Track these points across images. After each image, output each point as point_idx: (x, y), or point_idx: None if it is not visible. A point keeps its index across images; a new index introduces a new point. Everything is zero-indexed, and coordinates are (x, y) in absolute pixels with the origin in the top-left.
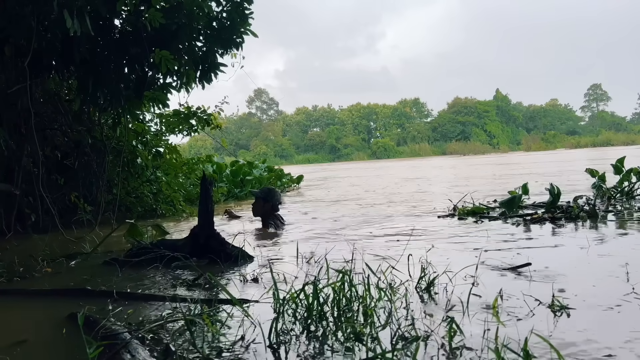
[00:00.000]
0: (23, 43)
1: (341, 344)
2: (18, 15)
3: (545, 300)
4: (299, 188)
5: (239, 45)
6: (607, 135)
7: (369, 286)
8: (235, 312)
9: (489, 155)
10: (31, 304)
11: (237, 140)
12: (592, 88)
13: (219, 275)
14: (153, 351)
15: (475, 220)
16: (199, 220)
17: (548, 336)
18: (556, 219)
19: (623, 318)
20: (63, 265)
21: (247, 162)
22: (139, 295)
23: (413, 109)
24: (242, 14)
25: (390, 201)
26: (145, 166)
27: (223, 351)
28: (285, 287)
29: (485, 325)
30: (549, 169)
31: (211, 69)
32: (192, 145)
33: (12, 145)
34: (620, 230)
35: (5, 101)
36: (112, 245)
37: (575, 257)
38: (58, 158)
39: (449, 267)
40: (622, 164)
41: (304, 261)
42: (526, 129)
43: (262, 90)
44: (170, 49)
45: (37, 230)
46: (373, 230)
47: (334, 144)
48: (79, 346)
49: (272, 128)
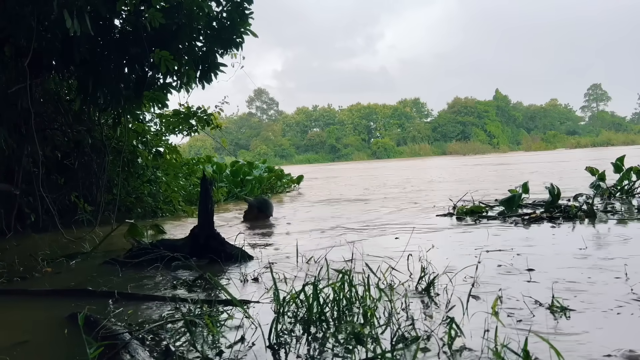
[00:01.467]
0: (23, 43)
1: (341, 345)
2: (18, 15)
3: (545, 301)
4: (299, 188)
5: (239, 45)
6: (607, 135)
7: (369, 286)
8: (236, 312)
9: (489, 155)
10: (31, 304)
11: (237, 140)
12: (592, 88)
13: (219, 275)
14: (153, 352)
15: (475, 219)
16: (199, 220)
17: (548, 336)
18: (554, 218)
19: (623, 319)
20: (63, 265)
21: (247, 162)
22: (139, 295)
23: (413, 109)
24: (242, 14)
25: (391, 201)
26: (146, 166)
27: (223, 352)
28: (285, 287)
29: (485, 325)
30: (549, 169)
31: (211, 69)
32: (192, 145)
33: (12, 145)
34: (618, 230)
35: (5, 101)
36: (112, 245)
37: (573, 258)
38: (58, 158)
39: (449, 267)
40: (622, 162)
41: (304, 261)
42: (526, 129)
43: (262, 90)
44: (170, 49)
45: (37, 230)
46: (373, 230)
47: (334, 144)
48: (79, 346)
49: (272, 128)
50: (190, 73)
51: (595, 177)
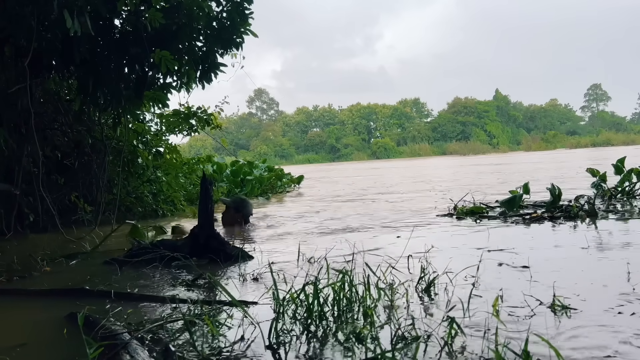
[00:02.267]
0: (23, 43)
1: (341, 345)
2: (18, 16)
3: (546, 300)
4: (300, 188)
5: (239, 45)
6: (607, 135)
7: (369, 286)
8: (235, 312)
9: (489, 155)
10: (31, 304)
11: (237, 140)
12: (592, 88)
13: (219, 275)
14: (152, 351)
15: (475, 219)
16: (199, 220)
17: (548, 336)
18: (555, 218)
19: (623, 318)
20: (63, 265)
21: (247, 162)
22: (138, 295)
23: (413, 109)
24: (242, 13)
25: (391, 201)
26: (146, 166)
27: (223, 351)
28: (285, 287)
29: (486, 325)
30: (550, 169)
31: (211, 69)
32: (192, 145)
33: (12, 145)
34: (620, 230)
35: (5, 101)
36: (112, 245)
37: (574, 257)
38: (58, 158)
39: (449, 267)
40: (622, 164)
41: (304, 261)
42: (526, 129)
43: (262, 90)
44: (170, 49)
45: (37, 230)
46: (373, 230)
47: (334, 144)
48: (79, 346)
49: (272, 128)
50: (191, 73)
51: (597, 178)
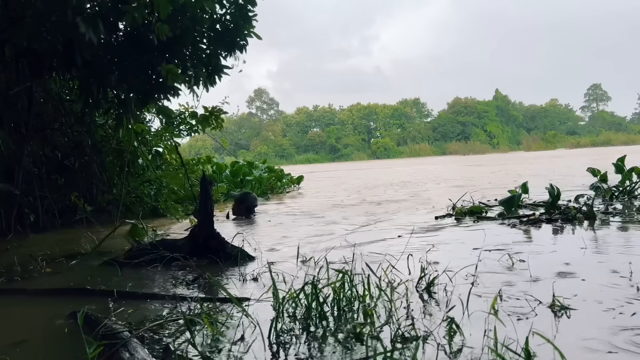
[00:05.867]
0: (24, 44)
1: (341, 344)
2: (19, 17)
3: (546, 300)
4: (300, 188)
5: (243, 48)
6: (607, 135)
7: (369, 286)
8: (235, 312)
9: (489, 155)
10: (31, 303)
11: (237, 140)
12: (592, 88)
13: (219, 275)
14: (153, 350)
15: (474, 220)
16: (198, 220)
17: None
18: (553, 220)
19: (624, 318)
20: (63, 265)
21: (247, 162)
22: (138, 294)
23: (413, 109)
24: (246, 16)
25: (391, 201)
26: (146, 166)
27: (222, 351)
28: (285, 286)
29: (486, 325)
30: (550, 169)
31: (215, 71)
32: (192, 145)
33: (12, 145)
34: (620, 231)
35: (5, 101)
36: (112, 245)
37: (574, 257)
38: (58, 158)
39: (448, 267)
40: (623, 163)
41: (304, 260)
42: (526, 129)
43: (262, 90)
44: (174, 52)
45: (37, 230)
46: (373, 229)
47: (334, 144)
48: (79, 345)
49: (272, 128)
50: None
51: (597, 178)
